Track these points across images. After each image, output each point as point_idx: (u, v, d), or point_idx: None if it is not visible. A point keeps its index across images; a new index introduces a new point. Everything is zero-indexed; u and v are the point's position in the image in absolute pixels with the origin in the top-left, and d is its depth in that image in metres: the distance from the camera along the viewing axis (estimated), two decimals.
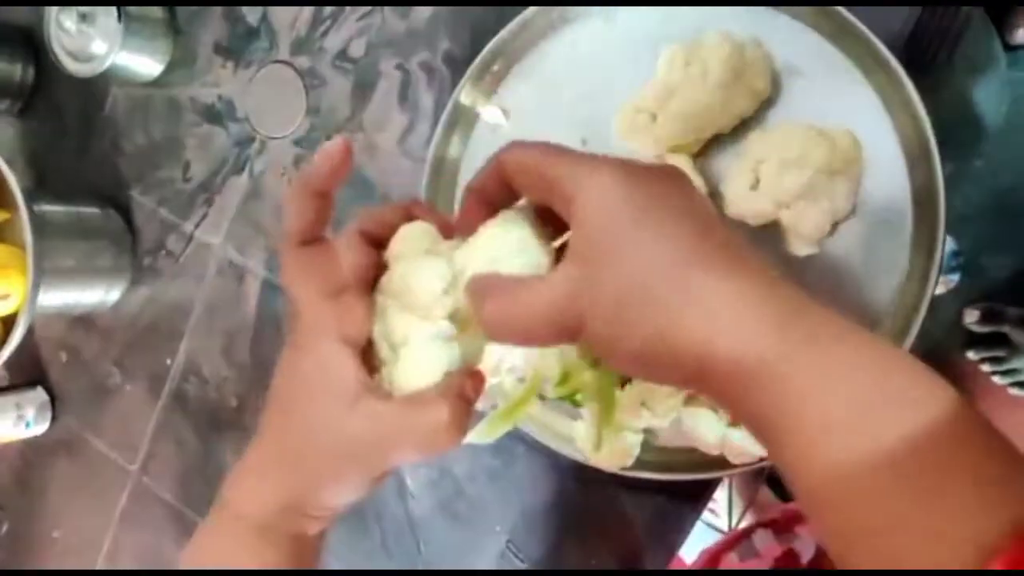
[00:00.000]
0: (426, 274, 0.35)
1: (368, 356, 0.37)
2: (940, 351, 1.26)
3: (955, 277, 1.17)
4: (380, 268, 0.38)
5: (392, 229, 0.37)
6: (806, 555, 0.68)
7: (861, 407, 0.26)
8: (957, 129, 1.08)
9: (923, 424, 0.25)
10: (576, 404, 0.38)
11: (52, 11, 0.74)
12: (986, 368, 1.24)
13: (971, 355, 1.24)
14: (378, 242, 0.37)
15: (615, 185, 0.29)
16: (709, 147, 0.56)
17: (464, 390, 0.35)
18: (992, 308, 1.21)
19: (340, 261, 0.36)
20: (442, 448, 0.35)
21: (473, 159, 0.64)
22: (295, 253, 0.36)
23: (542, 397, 0.37)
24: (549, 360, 0.36)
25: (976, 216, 1.19)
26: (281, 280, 0.37)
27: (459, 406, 0.35)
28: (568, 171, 0.30)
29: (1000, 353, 1.22)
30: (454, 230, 0.37)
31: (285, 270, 0.37)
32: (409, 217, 0.38)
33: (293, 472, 0.37)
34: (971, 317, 1.22)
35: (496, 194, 0.35)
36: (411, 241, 0.37)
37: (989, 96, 1.04)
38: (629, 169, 0.30)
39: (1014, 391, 1.23)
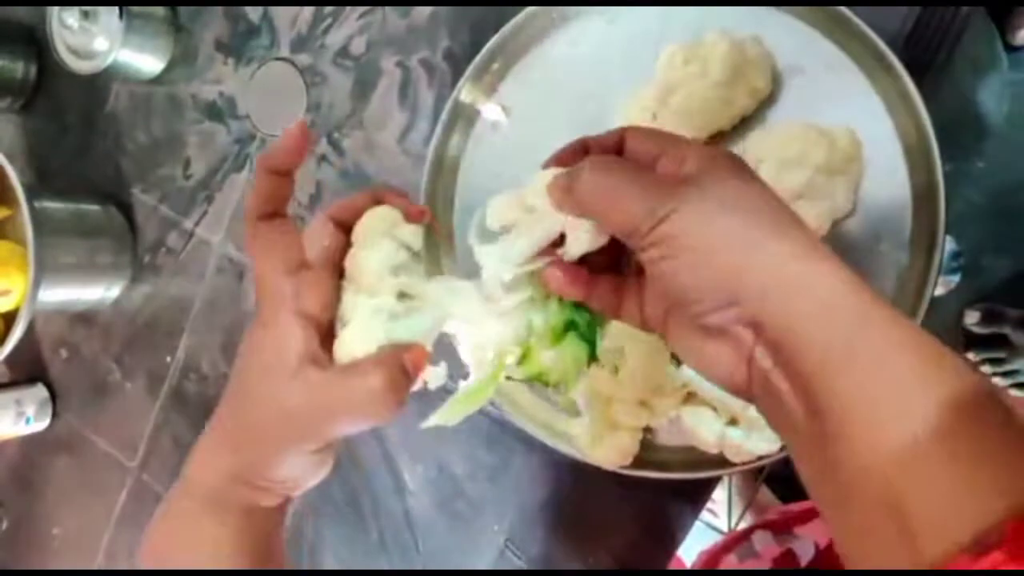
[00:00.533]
0: (372, 255, 0.37)
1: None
2: None
3: (955, 278, 1.17)
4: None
5: (360, 215, 0.39)
6: (805, 557, 0.68)
7: (905, 386, 0.27)
8: (958, 130, 1.08)
9: (951, 405, 0.26)
10: (546, 384, 0.39)
11: (54, 8, 0.74)
12: (986, 369, 1.24)
13: (971, 356, 1.24)
14: (348, 227, 0.39)
15: (730, 156, 0.34)
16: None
17: (402, 361, 0.37)
18: (992, 309, 1.21)
19: (304, 240, 0.39)
20: (378, 416, 0.37)
21: (473, 157, 0.64)
22: (256, 227, 0.38)
23: (508, 378, 0.38)
24: (507, 339, 0.38)
25: (977, 217, 1.19)
26: (247, 252, 0.38)
27: (395, 375, 0.36)
28: (687, 144, 0.34)
29: (1000, 354, 1.22)
30: (420, 215, 0.40)
31: (248, 243, 0.39)
32: (377, 203, 0.40)
33: (240, 442, 0.38)
34: (971, 318, 1.22)
35: (601, 148, 0.38)
36: (370, 225, 0.39)
37: (990, 97, 1.04)
38: (736, 155, 0.34)
39: (1015, 392, 1.23)
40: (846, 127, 0.51)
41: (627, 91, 0.57)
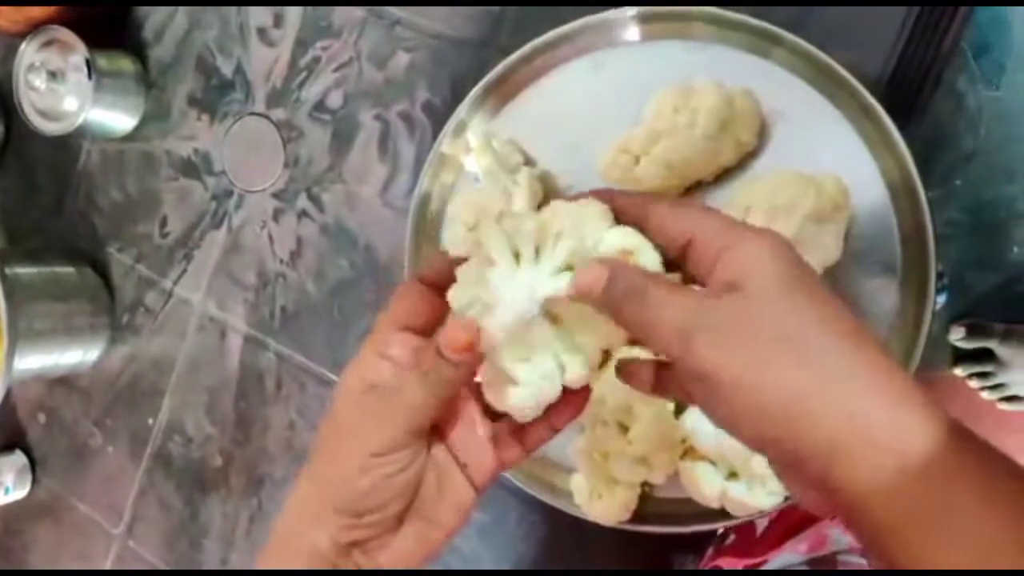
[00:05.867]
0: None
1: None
2: (928, 368, 1.26)
3: (941, 298, 1.18)
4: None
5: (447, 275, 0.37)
6: None
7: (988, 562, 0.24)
8: (935, 152, 1.09)
9: None
10: None
11: (20, 70, 0.72)
12: (974, 384, 1.24)
13: (958, 371, 1.24)
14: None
15: (781, 248, 0.29)
16: (690, 192, 0.56)
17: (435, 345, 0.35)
18: (977, 324, 1.22)
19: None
20: (410, 412, 0.35)
21: (457, 208, 0.63)
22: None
23: None
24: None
25: (957, 234, 1.20)
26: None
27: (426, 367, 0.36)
28: (726, 227, 0.30)
29: (987, 368, 1.22)
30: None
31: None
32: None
33: (329, 478, 0.37)
34: (957, 334, 1.22)
35: (626, 208, 0.33)
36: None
37: (967, 116, 1.05)
38: (790, 244, 0.29)
39: (1003, 406, 1.24)
40: (832, 174, 0.51)
41: (610, 139, 0.56)
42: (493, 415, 0.38)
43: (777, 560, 0.62)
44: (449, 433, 0.37)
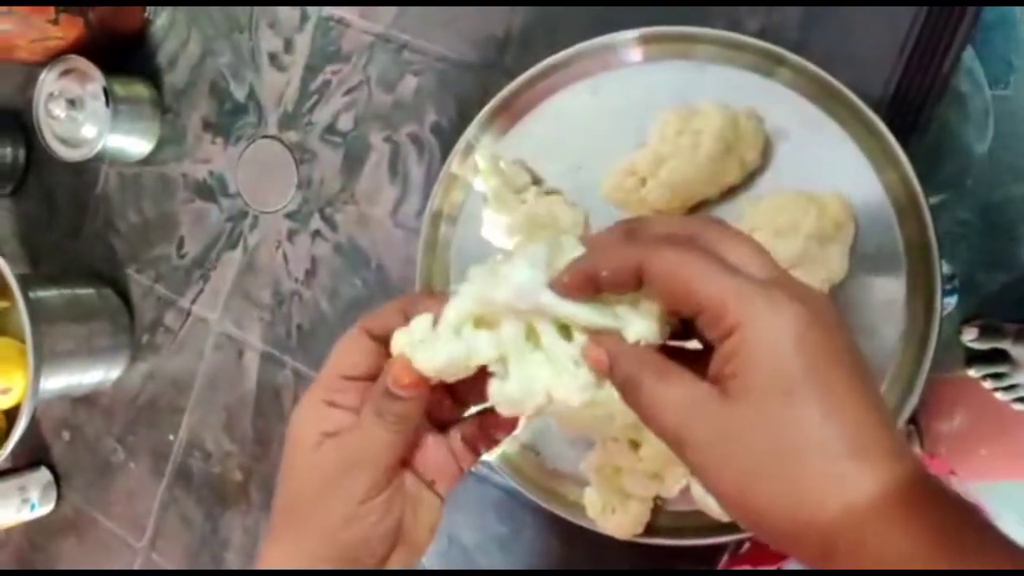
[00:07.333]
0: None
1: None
2: (942, 371, 1.26)
3: (952, 300, 1.18)
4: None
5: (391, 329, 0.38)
6: None
7: None
8: (944, 153, 1.09)
9: None
10: None
11: (40, 99, 0.74)
12: (988, 385, 1.24)
13: (972, 372, 1.24)
14: (383, 340, 0.38)
15: (793, 329, 0.27)
16: (695, 211, 0.56)
17: (384, 383, 0.36)
18: (990, 324, 1.22)
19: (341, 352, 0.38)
20: (378, 448, 0.36)
21: (467, 228, 0.64)
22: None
23: None
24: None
25: (967, 235, 1.20)
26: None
27: (377, 404, 0.36)
28: (737, 296, 0.28)
29: (1001, 369, 1.22)
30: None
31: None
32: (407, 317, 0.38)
33: (299, 523, 0.38)
34: (970, 335, 1.22)
35: (616, 284, 0.31)
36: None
37: (976, 120, 1.05)
38: (808, 312, 0.28)
39: (1018, 406, 1.23)
40: (836, 193, 0.52)
41: (614, 161, 0.57)
42: (441, 426, 0.40)
43: (786, 566, 0.63)
44: (414, 458, 0.38)
